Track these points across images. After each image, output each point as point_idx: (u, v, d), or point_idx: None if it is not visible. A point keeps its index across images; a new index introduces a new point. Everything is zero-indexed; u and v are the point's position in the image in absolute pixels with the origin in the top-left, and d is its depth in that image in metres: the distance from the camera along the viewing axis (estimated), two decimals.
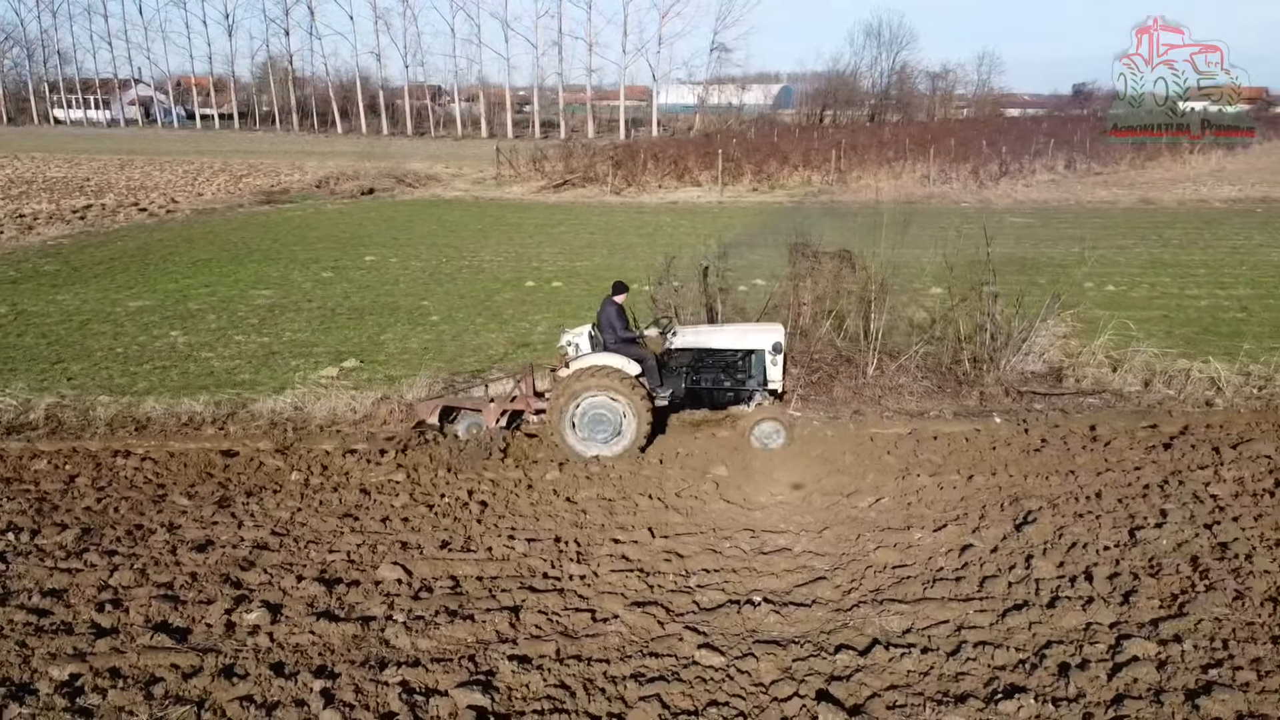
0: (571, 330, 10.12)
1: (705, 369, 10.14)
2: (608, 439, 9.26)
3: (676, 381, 9.93)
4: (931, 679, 5.69)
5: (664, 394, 9.71)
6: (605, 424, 9.22)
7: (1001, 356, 11.02)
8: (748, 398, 10.09)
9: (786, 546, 7.41)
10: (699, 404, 10.24)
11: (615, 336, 9.58)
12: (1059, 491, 8.41)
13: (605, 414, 9.19)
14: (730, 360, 10.16)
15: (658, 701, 5.42)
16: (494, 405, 9.88)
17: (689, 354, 10.10)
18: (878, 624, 6.30)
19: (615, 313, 9.65)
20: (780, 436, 9.49)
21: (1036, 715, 5.36)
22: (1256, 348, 12.30)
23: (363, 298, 16.88)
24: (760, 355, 10.01)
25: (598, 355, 9.48)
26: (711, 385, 10.13)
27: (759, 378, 10.06)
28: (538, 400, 9.92)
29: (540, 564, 7.13)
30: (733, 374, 10.15)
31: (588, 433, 9.26)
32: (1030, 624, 6.28)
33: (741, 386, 10.11)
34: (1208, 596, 6.62)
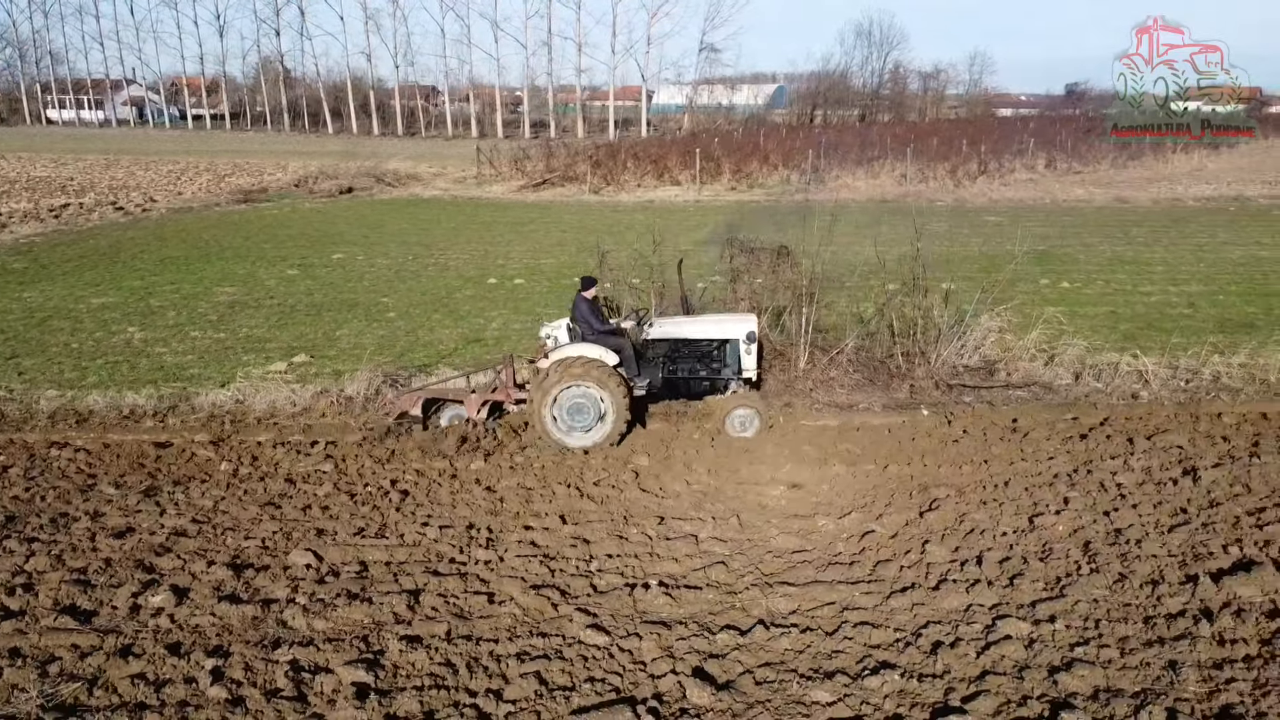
0: (550, 323, 10.36)
1: (681, 359, 10.40)
2: (588, 427, 9.46)
3: (654, 371, 10.18)
4: (806, 656, 5.88)
5: (641, 383, 9.94)
6: (585, 413, 9.43)
7: (932, 351, 11.21)
8: (723, 386, 10.35)
9: (693, 533, 7.59)
10: (676, 393, 10.50)
11: (593, 329, 9.81)
12: (969, 480, 8.61)
13: (585, 403, 9.40)
14: (705, 350, 10.41)
15: (535, 678, 5.60)
16: (475, 396, 10.13)
17: (665, 344, 10.36)
18: (765, 605, 6.49)
19: (587, 308, 9.87)
20: (754, 424, 9.75)
21: (900, 690, 5.55)
22: (1185, 342, 12.48)
23: (324, 294, 17.05)
24: (735, 344, 10.25)
25: (577, 346, 9.71)
26: (688, 374, 10.40)
27: (734, 366, 10.31)
28: (518, 391, 10.18)
29: (449, 550, 7.31)
30: (708, 363, 10.41)
31: (568, 422, 9.46)
32: (913, 605, 6.47)
33: (717, 375, 10.38)
34: (1090, 579, 6.82)
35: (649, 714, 5.26)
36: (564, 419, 9.46)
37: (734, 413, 9.76)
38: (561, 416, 9.46)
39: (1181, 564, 7.01)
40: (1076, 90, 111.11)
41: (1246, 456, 9.07)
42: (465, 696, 5.46)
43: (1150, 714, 5.28)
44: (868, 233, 14.92)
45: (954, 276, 17.75)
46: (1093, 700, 5.43)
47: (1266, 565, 6.88)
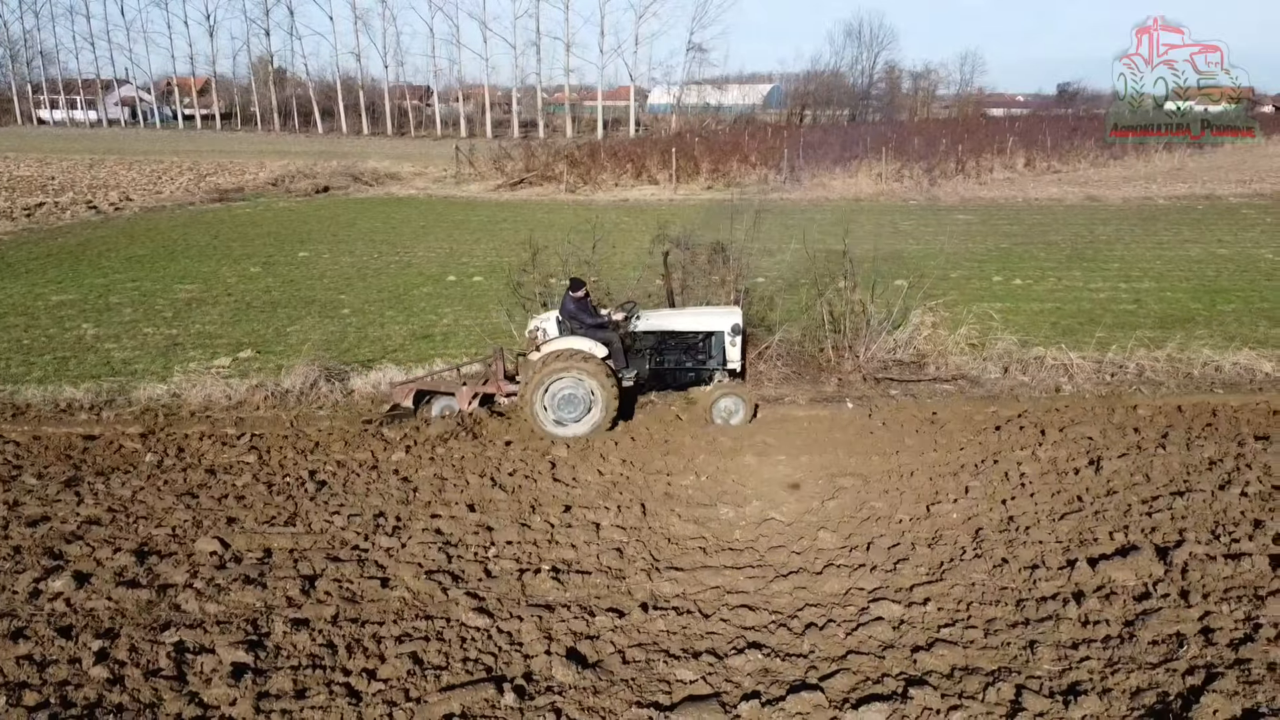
0: (539, 315, 10.62)
1: (668, 350, 10.65)
2: (578, 418, 9.69)
3: (641, 363, 10.43)
4: (679, 637, 6.05)
5: (629, 375, 10.19)
6: (575, 404, 9.67)
7: (861, 345, 11.38)
8: (708, 377, 10.59)
9: (595, 521, 7.75)
10: (663, 384, 10.76)
11: (582, 323, 10.08)
12: (877, 470, 8.79)
13: (575, 394, 9.65)
14: (691, 342, 10.66)
15: (411, 658, 5.76)
16: (466, 388, 10.36)
17: (652, 336, 10.60)
18: (650, 589, 6.66)
19: (575, 307, 10.11)
20: (739, 413, 9.98)
21: (763, 669, 5.72)
22: (1123, 337, 12.68)
23: (283, 292, 17.21)
24: (720, 336, 10.51)
25: (567, 339, 9.97)
26: (674, 366, 10.67)
27: (719, 358, 10.57)
28: (508, 383, 10.42)
29: (354, 537, 7.47)
30: (694, 355, 10.68)
31: (558, 412, 9.70)
32: (795, 589, 6.65)
33: (702, 367, 10.64)
34: (971, 564, 7.00)
35: (514, 691, 5.42)
36: (554, 409, 9.71)
37: (719, 403, 10.02)
38: (552, 407, 9.71)
39: (1065, 550, 7.19)
40: (1068, 90, 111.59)
41: (1154, 447, 9.26)
42: (340, 675, 5.62)
43: (999, 690, 5.45)
44: (833, 231, 15.17)
45: (907, 273, 17.97)
46: (947, 678, 5.61)
47: (1145, 550, 7.06)
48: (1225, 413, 10.19)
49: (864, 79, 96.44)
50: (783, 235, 18.75)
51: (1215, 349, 12.17)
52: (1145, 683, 5.55)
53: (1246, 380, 11.38)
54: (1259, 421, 9.94)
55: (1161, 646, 5.93)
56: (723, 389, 10.11)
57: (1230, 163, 47.63)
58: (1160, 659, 5.80)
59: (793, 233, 16.69)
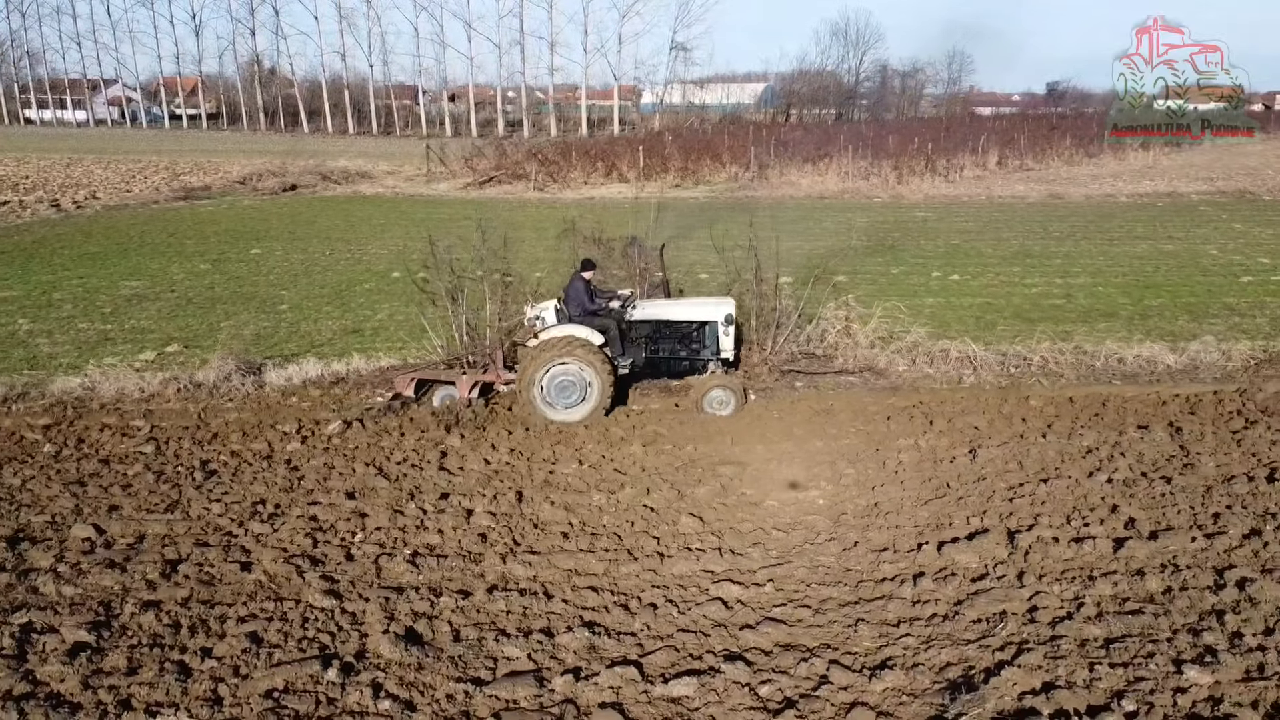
0: (538, 305, 10.84)
1: (663, 339, 10.88)
2: (574, 404, 9.91)
3: (637, 351, 10.68)
4: (515, 617, 6.22)
5: (625, 362, 10.44)
6: (572, 390, 9.89)
7: (768, 339, 11.55)
8: (702, 366, 10.81)
9: (469, 508, 7.92)
10: (657, 373, 11.00)
11: (581, 309, 10.30)
12: (759, 458, 8.96)
13: (572, 381, 9.87)
14: (685, 331, 10.88)
15: (249, 637, 5.93)
16: (466, 377, 10.59)
17: (648, 325, 10.82)
18: (501, 571, 6.83)
19: (582, 287, 10.36)
20: (730, 403, 10.20)
21: (591, 646, 5.89)
22: (1028, 330, 12.91)
23: (226, 288, 17.35)
24: (713, 326, 10.75)
25: (564, 326, 10.19)
26: (668, 355, 10.90)
27: (712, 348, 10.81)
28: (507, 373, 10.66)
29: (228, 524, 7.63)
30: (688, 344, 10.92)
31: (555, 399, 9.93)
32: (641, 572, 6.82)
33: (696, 356, 10.88)
34: (823, 547, 7.18)
35: (339, 668, 5.59)
36: (551, 395, 9.94)
37: (711, 392, 10.25)
38: (549, 393, 9.93)
39: (919, 533, 7.38)
40: (1057, 89, 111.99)
41: (1036, 436, 9.45)
42: (176, 654, 5.77)
43: (811, 665, 5.63)
44: (788, 228, 15.31)
45: (850, 270, 18.18)
46: (765, 654, 5.79)
47: (995, 534, 7.26)
48: (1115, 403, 10.38)
49: (851, 78, 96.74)
50: (723, 232, 18.91)
51: (1120, 341, 12.37)
52: (956, 658, 5.74)
53: (1147, 372, 11.58)
54: (1146, 411, 10.13)
55: (982, 624, 6.12)
56: (715, 380, 10.34)
57: (1205, 161, 47.79)
58: (978, 635, 5.99)
59: (734, 228, 16.79)
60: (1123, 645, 5.82)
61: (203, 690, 5.41)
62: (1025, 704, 5.29)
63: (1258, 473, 8.41)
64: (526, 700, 5.34)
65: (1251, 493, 8.03)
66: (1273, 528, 7.33)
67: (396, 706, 5.27)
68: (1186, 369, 11.65)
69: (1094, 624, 6.07)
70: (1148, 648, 5.79)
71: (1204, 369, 11.62)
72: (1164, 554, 6.97)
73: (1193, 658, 5.67)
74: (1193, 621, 6.09)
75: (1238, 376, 11.37)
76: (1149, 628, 6.02)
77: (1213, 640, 5.85)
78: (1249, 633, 5.94)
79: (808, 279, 13.30)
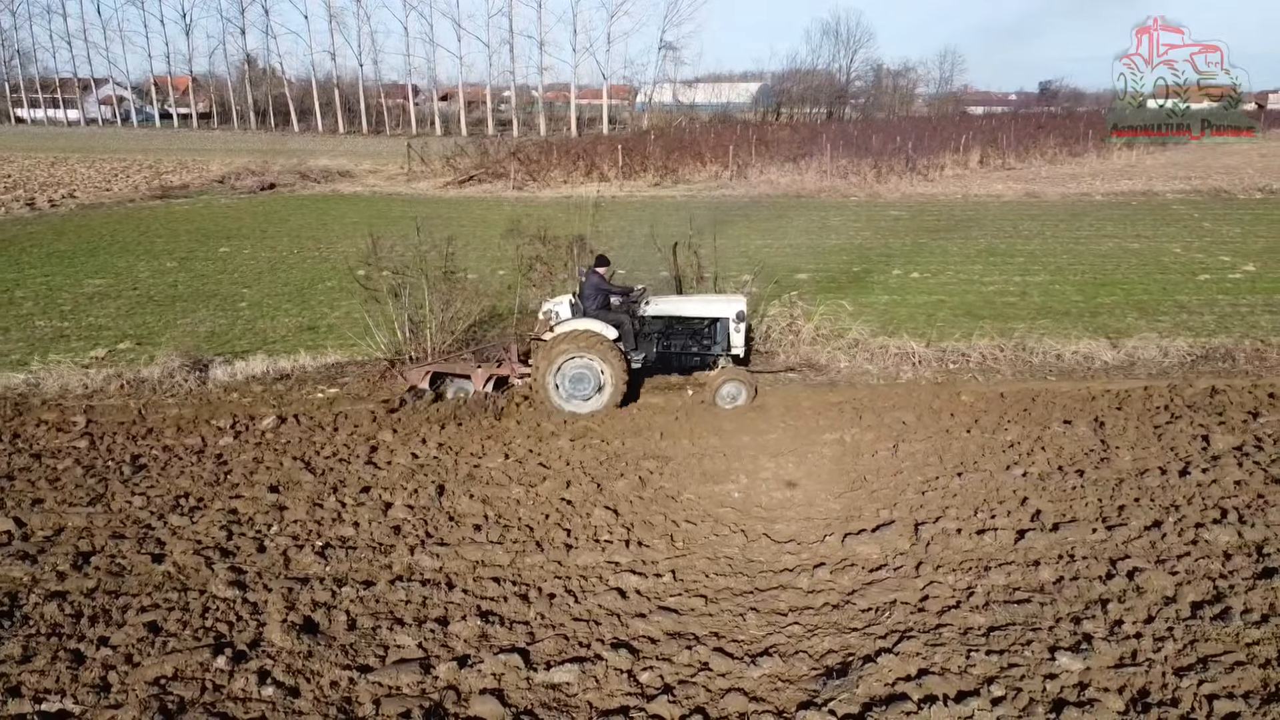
0: (551, 300, 11.05)
1: (675, 335, 11.06)
2: (588, 396, 10.13)
3: (649, 346, 10.86)
4: (414, 606, 6.32)
5: (638, 357, 10.63)
6: (586, 382, 10.12)
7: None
8: (712, 362, 11.00)
9: (389, 501, 8.02)
10: (668, 367, 11.19)
11: (595, 304, 10.51)
12: (684, 452, 9.07)
13: (586, 374, 10.10)
14: (697, 327, 11.06)
15: (147, 626, 6.02)
16: (481, 370, 10.74)
17: (661, 321, 10.98)
18: (408, 562, 6.93)
19: (597, 282, 10.54)
20: (742, 397, 10.39)
21: (483, 634, 6.00)
22: (976, 327, 13.03)
23: (189, 286, 17.42)
24: (725, 323, 10.92)
25: (579, 321, 10.36)
26: (680, 350, 11.07)
27: (723, 343, 10.96)
28: (522, 365, 10.84)
29: (148, 517, 7.72)
30: (699, 340, 11.08)
31: (570, 391, 10.13)
32: (546, 563, 6.93)
33: (707, 351, 11.06)
34: (726, 540, 7.30)
35: (231, 657, 5.69)
36: (566, 388, 10.13)
37: (723, 387, 10.44)
38: (564, 385, 10.13)
39: (827, 525, 7.49)
40: (1050, 88, 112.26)
41: (962, 431, 9.57)
42: (72, 642, 5.87)
43: (694, 653, 5.75)
44: (760, 227, 15.43)
45: (813, 268, 18.31)
46: (653, 643, 5.90)
47: (900, 526, 7.38)
48: (1044, 398, 10.50)
49: (842, 76, 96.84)
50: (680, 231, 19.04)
51: (1059, 338, 12.49)
52: (838, 645, 5.86)
53: (1084, 368, 11.70)
54: (1074, 407, 10.24)
55: (870, 614, 6.24)
56: (726, 374, 10.51)
57: (1188, 160, 47.95)
58: (865, 624, 6.11)
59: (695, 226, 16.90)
60: (1003, 633, 5.95)
61: (92, 678, 5.51)
62: (896, 690, 5.40)
63: (1171, 467, 8.54)
64: (409, 687, 5.45)
65: (1162, 486, 8.16)
66: (1173, 520, 7.46)
67: (280, 693, 5.38)
68: (1123, 365, 11.78)
69: (980, 613, 6.19)
70: (1027, 636, 5.91)
71: (1140, 365, 11.76)
72: (1062, 545, 7.10)
73: (1070, 645, 5.79)
74: (1078, 610, 6.21)
75: (1172, 373, 11.50)
76: (1033, 616, 6.14)
77: (1092, 628, 5.98)
78: (1130, 620, 6.07)
79: (770, 276, 13.42)
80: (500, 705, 5.28)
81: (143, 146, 60.82)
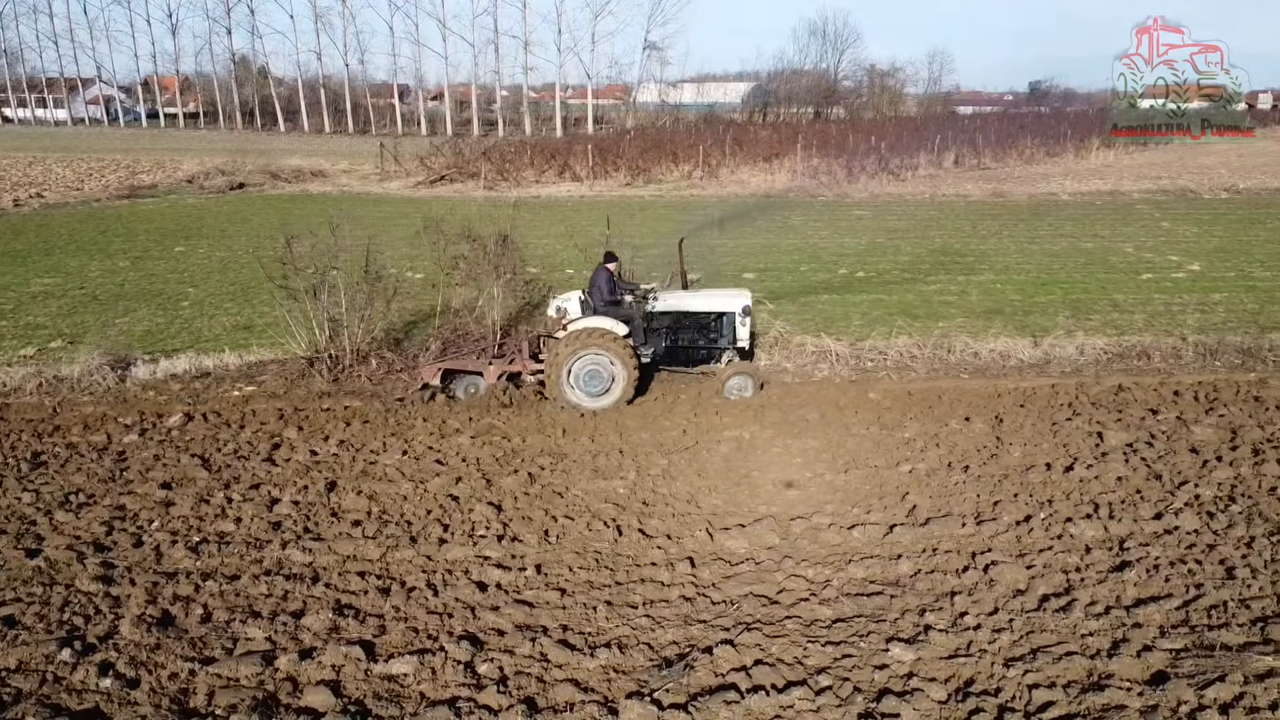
0: (560, 296, 11.20)
1: (683, 330, 11.30)
2: (601, 391, 10.33)
3: (658, 341, 11.11)
4: (273, 600, 6.40)
5: (647, 352, 10.85)
6: (598, 378, 10.31)
7: None
8: (719, 355, 11.18)
9: (277, 497, 8.10)
10: (676, 361, 11.38)
11: (604, 300, 10.71)
12: (581, 450, 9.17)
13: (598, 369, 10.30)
14: (704, 322, 11.32)
15: (3, 621, 6.10)
16: (493, 367, 10.89)
17: (669, 316, 11.18)
18: (279, 557, 7.01)
19: (606, 279, 10.76)
20: (749, 389, 10.61)
21: (333, 627, 6.08)
22: (909, 326, 13.16)
23: (137, 285, 17.47)
24: (731, 317, 11.16)
25: (591, 318, 10.58)
26: (688, 344, 11.33)
27: (729, 337, 11.21)
28: (533, 362, 10.99)
29: (33, 512, 7.79)
30: (706, 334, 11.34)
31: (583, 387, 10.32)
32: (415, 557, 7.01)
33: (714, 345, 11.30)
34: (599, 534, 7.38)
35: (78, 649, 5.76)
36: (579, 384, 10.32)
37: (731, 380, 10.68)
38: (577, 382, 10.32)
39: (704, 521, 7.58)
40: (1040, 88, 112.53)
41: (864, 429, 9.67)
42: None
43: (537, 644, 5.83)
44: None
45: (756, 268, 18.42)
46: (500, 635, 5.99)
47: (771, 521, 7.49)
48: (951, 396, 10.61)
49: (830, 76, 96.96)
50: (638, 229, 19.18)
51: (979, 336, 12.60)
52: (681, 637, 5.95)
53: (999, 365, 11.82)
54: (979, 404, 10.35)
55: (721, 606, 6.33)
56: (734, 368, 10.78)
57: (1164, 160, 48.12)
58: (713, 616, 6.21)
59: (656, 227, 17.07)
60: (847, 625, 6.06)
61: None
62: (727, 680, 5.50)
63: (1058, 463, 8.64)
64: (247, 679, 5.53)
65: (1044, 481, 8.27)
66: (1044, 515, 7.57)
67: (118, 684, 5.45)
68: (1039, 363, 11.89)
69: (829, 605, 6.30)
70: (869, 628, 6.02)
71: (1055, 363, 11.87)
72: (929, 539, 7.20)
73: (908, 637, 5.90)
74: (927, 603, 6.32)
75: (1085, 370, 11.62)
76: (880, 609, 6.25)
77: (934, 620, 6.08)
78: (974, 613, 6.18)
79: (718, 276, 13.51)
80: (333, 696, 5.36)
81: (126, 146, 60.69)
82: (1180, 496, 7.88)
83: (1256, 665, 5.52)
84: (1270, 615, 6.09)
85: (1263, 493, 7.96)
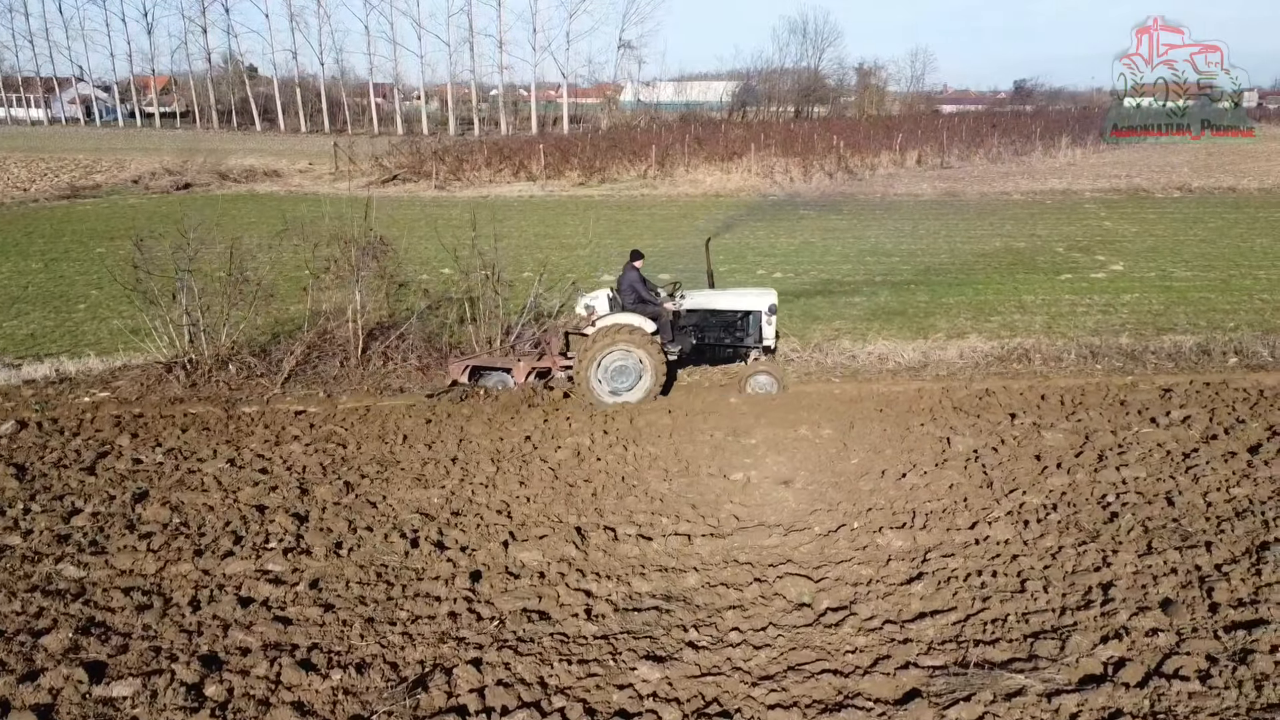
0: (587, 294, 11.22)
1: (710, 328, 11.38)
2: (629, 387, 10.41)
3: (685, 339, 11.20)
4: (24, 618, 6.15)
5: (674, 349, 10.96)
6: (626, 374, 10.42)
7: (495, 335, 11.55)
8: (745, 353, 11.26)
9: (80, 508, 7.86)
10: (703, 358, 11.42)
11: (635, 297, 10.83)
12: (409, 457, 8.97)
13: (626, 365, 10.42)
14: (731, 320, 11.36)
15: None
16: (523, 364, 10.88)
17: (696, 314, 11.29)
18: (50, 571, 6.77)
19: (635, 277, 10.89)
20: (774, 387, 10.67)
21: (71, 647, 5.84)
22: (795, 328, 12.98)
23: (41, 287, 17.22)
24: (757, 315, 11.16)
25: (620, 315, 10.67)
26: (714, 342, 11.41)
27: (755, 335, 11.24)
28: (562, 359, 10.96)
29: None
30: (732, 332, 11.39)
31: (612, 382, 10.41)
32: (192, 571, 6.79)
33: (740, 344, 11.28)
34: (391, 546, 7.17)
35: None
36: (608, 380, 10.44)
37: (755, 378, 10.75)
38: (606, 378, 10.43)
39: (510, 532, 7.38)
40: (1025, 86, 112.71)
41: (708, 436, 9.46)
42: None
43: (276, 665, 5.62)
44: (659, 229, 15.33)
45: (676, 267, 18.21)
46: (243, 655, 5.76)
47: (564, 532, 7.29)
48: (810, 401, 10.43)
49: (809, 75, 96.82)
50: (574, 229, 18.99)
51: (859, 338, 12.43)
52: (429, 656, 5.75)
53: (875, 368, 11.65)
54: (838, 408, 10.17)
55: (485, 622, 6.14)
56: (758, 366, 10.86)
57: (1130, 159, 48.02)
58: (474, 633, 6.00)
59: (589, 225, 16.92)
60: (606, 642, 5.85)
61: None
62: (459, 701, 5.29)
63: (893, 470, 8.45)
64: None
65: (872, 490, 8.08)
66: (858, 524, 7.38)
67: None
68: (915, 366, 11.73)
69: (597, 621, 6.09)
70: (630, 644, 5.81)
71: (933, 366, 11.71)
72: (728, 551, 7.01)
73: (666, 655, 5.70)
74: (700, 618, 6.13)
75: (961, 373, 11.45)
76: (648, 625, 6.06)
77: (697, 636, 5.89)
78: (745, 628, 5.99)
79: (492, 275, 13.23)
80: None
81: (94, 146, 60.15)
82: (1004, 505, 7.69)
83: (1008, 684, 5.34)
84: (1045, 630, 5.90)
85: (1090, 501, 7.76)
